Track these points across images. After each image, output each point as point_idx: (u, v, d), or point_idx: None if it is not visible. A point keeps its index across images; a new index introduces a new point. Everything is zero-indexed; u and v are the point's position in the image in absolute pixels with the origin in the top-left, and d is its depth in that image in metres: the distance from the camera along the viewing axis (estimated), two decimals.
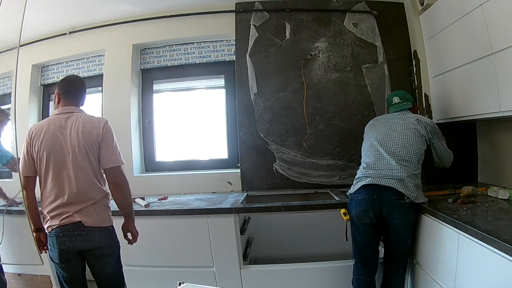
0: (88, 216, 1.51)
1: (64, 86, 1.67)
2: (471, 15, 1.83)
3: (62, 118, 1.58)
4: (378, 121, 2.03)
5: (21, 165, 1.60)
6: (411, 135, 1.82)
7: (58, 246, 1.51)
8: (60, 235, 1.50)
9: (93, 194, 1.54)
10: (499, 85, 1.70)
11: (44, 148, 1.52)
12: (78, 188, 1.50)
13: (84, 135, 1.53)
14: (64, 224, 1.49)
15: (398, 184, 1.70)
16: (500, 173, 2.18)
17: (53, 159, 1.52)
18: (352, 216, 1.81)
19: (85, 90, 1.73)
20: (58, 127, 1.55)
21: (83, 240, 1.50)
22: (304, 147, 2.57)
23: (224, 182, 2.65)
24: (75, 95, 1.66)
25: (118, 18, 2.75)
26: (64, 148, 1.52)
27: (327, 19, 2.60)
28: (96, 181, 1.55)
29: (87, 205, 1.51)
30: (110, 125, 1.61)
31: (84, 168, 1.52)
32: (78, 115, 1.60)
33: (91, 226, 1.51)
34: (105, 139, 1.56)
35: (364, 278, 1.82)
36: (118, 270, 1.66)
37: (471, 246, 1.30)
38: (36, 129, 1.57)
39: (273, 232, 2.57)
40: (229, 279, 2.01)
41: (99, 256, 1.56)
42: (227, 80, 2.81)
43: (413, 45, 2.55)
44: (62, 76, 3.02)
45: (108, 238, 1.58)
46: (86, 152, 1.52)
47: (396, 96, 2.01)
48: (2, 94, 3.19)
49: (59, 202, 1.51)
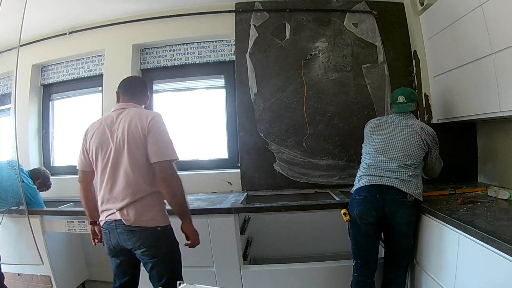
0: (129, 215, 1.45)
1: (122, 84, 1.67)
2: (471, 15, 1.83)
3: (115, 114, 1.56)
4: (381, 123, 1.96)
5: (78, 159, 1.61)
6: (415, 144, 1.80)
7: (106, 241, 1.56)
8: (106, 232, 1.53)
9: (133, 191, 1.45)
10: (499, 85, 1.70)
11: (94, 144, 1.52)
12: (117, 184, 1.47)
13: (129, 129, 1.47)
14: (109, 220, 1.50)
15: (400, 183, 1.70)
16: (500, 173, 2.18)
17: (101, 155, 1.51)
18: (354, 216, 1.80)
19: (145, 89, 1.71)
20: (109, 123, 1.53)
21: (126, 239, 1.47)
22: (304, 147, 2.57)
23: (224, 182, 2.65)
24: (132, 92, 1.64)
25: (118, 18, 2.76)
26: (110, 143, 1.49)
27: (327, 19, 2.60)
28: (139, 178, 1.46)
29: (127, 203, 1.45)
30: (160, 119, 1.52)
31: (125, 164, 1.46)
32: (130, 110, 1.55)
33: (132, 225, 1.45)
34: (152, 133, 1.46)
35: (364, 280, 1.82)
36: (171, 271, 1.52)
37: (471, 246, 1.30)
38: (91, 126, 1.59)
39: (273, 232, 2.57)
40: (229, 279, 2.00)
41: (144, 257, 1.49)
42: (227, 80, 2.81)
43: (413, 45, 2.55)
44: (62, 76, 3.03)
45: (153, 239, 1.47)
46: (129, 147, 1.46)
47: (402, 95, 1.94)
48: (2, 94, 3.20)
49: (104, 198, 1.50)
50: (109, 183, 1.49)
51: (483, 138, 2.37)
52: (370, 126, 2.01)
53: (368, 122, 2.04)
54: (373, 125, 1.99)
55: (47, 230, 2.28)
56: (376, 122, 1.99)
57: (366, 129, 2.02)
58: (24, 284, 2.39)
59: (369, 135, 1.97)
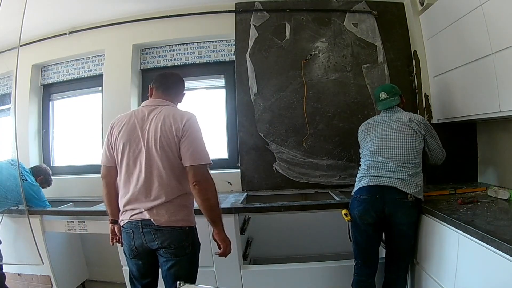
0: (159, 215, 1.40)
1: (158, 78, 1.60)
2: (471, 15, 1.83)
3: (146, 110, 1.50)
4: (371, 125, 1.97)
5: (102, 154, 1.54)
6: (408, 137, 1.80)
7: (128, 242, 1.47)
8: (129, 231, 1.45)
9: (165, 192, 1.41)
10: (499, 85, 1.70)
11: (121, 139, 1.45)
12: (148, 183, 1.41)
13: (162, 129, 1.41)
14: (134, 220, 1.43)
15: (400, 183, 1.71)
16: (500, 173, 2.18)
17: (128, 151, 1.44)
18: (354, 216, 1.80)
19: (181, 86, 1.64)
20: (140, 119, 1.47)
21: (153, 239, 1.42)
22: (304, 147, 2.57)
23: (224, 182, 2.65)
24: (167, 87, 1.57)
25: (118, 18, 2.76)
26: (141, 141, 1.43)
27: (327, 19, 2.60)
28: (172, 178, 1.42)
29: (158, 204, 1.40)
30: (195, 120, 1.48)
31: (158, 163, 1.40)
32: (164, 107, 1.49)
33: (162, 225, 1.41)
34: (187, 135, 1.41)
35: (365, 280, 1.82)
36: (190, 273, 1.51)
37: (471, 246, 1.31)
38: (119, 119, 1.52)
39: (273, 232, 2.57)
40: (229, 279, 2.01)
41: (168, 255, 1.45)
42: (227, 80, 2.82)
43: (413, 45, 2.55)
44: (62, 76, 3.03)
45: (182, 239, 1.44)
46: (162, 147, 1.40)
47: (383, 91, 1.96)
48: (2, 94, 3.20)
49: (129, 197, 1.44)
50: (139, 182, 1.42)
51: (483, 138, 2.37)
52: (361, 130, 2.03)
53: (359, 127, 2.06)
54: (364, 129, 2.01)
55: (47, 230, 2.28)
56: (366, 126, 2.01)
57: (359, 134, 2.05)
58: (24, 284, 2.39)
59: (363, 139, 1.99)
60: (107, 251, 2.15)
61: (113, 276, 2.56)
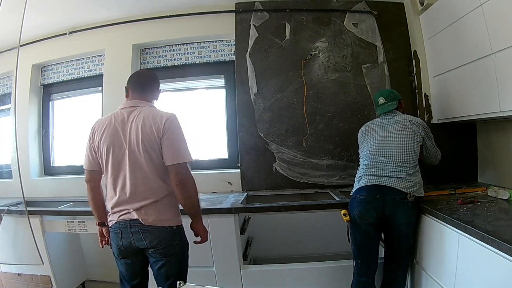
0: (147, 214, 1.43)
1: (132, 79, 1.61)
2: (471, 15, 1.83)
3: (125, 112, 1.50)
4: (371, 127, 1.98)
5: (84, 159, 1.55)
6: (408, 138, 1.81)
7: (116, 242, 1.49)
8: (118, 231, 1.47)
9: (153, 192, 1.44)
10: (499, 85, 1.70)
11: (104, 143, 1.47)
12: (134, 185, 1.43)
13: (143, 130, 1.43)
14: (122, 220, 1.45)
15: (400, 183, 1.71)
16: (500, 173, 2.18)
17: (112, 154, 1.46)
18: (354, 216, 1.80)
19: (156, 84, 1.64)
20: (120, 121, 1.48)
21: (141, 238, 1.44)
22: (304, 147, 2.57)
23: (224, 182, 2.65)
24: (142, 88, 1.58)
25: (118, 18, 2.76)
26: (123, 143, 1.45)
27: (327, 19, 2.60)
28: (157, 178, 1.45)
29: (147, 203, 1.43)
30: (176, 120, 1.49)
31: (142, 164, 1.43)
32: (142, 108, 1.50)
33: (150, 225, 1.43)
34: (167, 134, 1.43)
35: (365, 280, 1.82)
36: (180, 271, 1.53)
37: (471, 246, 1.31)
38: (99, 123, 1.53)
39: (273, 232, 2.57)
40: (229, 279, 2.01)
41: (157, 255, 1.47)
42: (227, 80, 2.81)
43: (413, 45, 2.55)
44: (62, 76, 3.03)
45: (170, 238, 1.47)
46: (145, 148, 1.42)
47: (381, 97, 1.98)
48: (2, 94, 3.20)
49: (117, 198, 1.46)
50: (125, 184, 1.45)
51: (483, 138, 2.37)
52: (361, 132, 2.04)
53: (359, 129, 2.06)
54: (364, 130, 2.02)
55: (47, 230, 2.28)
56: (366, 127, 2.02)
57: (358, 136, 2.05)
58: (24, 284, 2.39)
59: (362, 140, 1.99)
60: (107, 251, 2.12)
61: (113, 276, 2.54)
